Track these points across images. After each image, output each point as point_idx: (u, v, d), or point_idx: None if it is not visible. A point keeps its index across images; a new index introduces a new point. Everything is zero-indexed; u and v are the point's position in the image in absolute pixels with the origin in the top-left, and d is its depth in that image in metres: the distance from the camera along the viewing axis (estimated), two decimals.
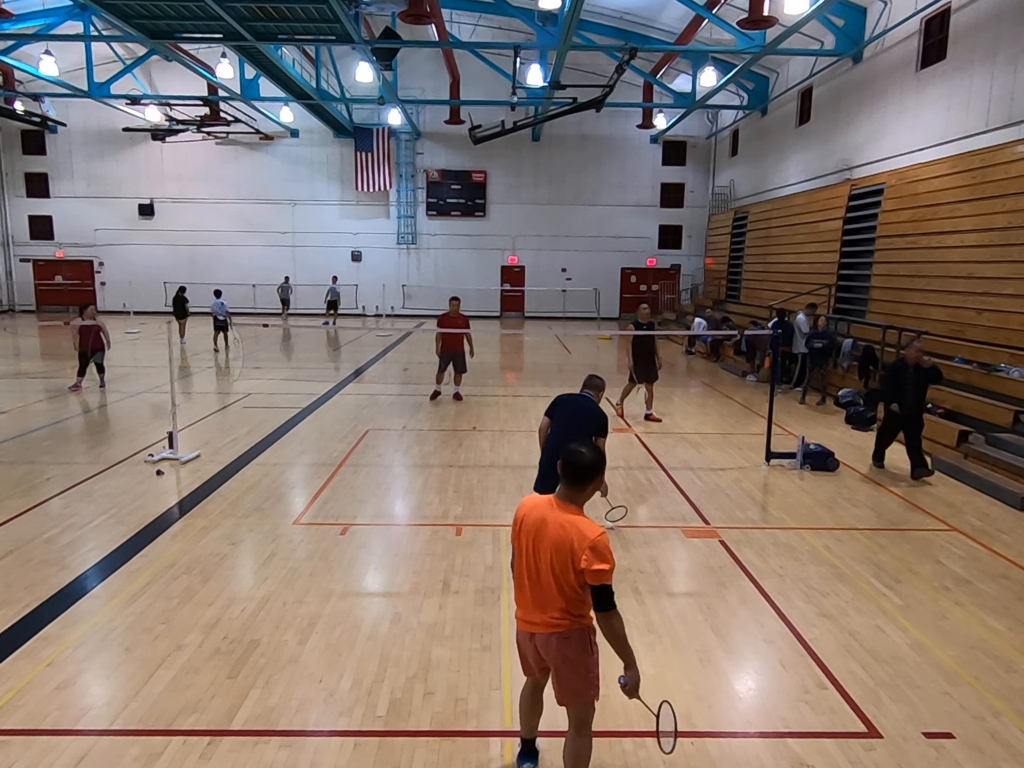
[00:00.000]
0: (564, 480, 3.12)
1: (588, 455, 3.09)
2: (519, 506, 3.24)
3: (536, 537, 3.09)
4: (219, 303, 18.81)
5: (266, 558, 6.00)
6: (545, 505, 3.14)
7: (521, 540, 3.17)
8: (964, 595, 5.54)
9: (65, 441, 9.70)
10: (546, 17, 18.92)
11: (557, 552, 3.01)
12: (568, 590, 3.04)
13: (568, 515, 3.06)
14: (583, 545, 2.96)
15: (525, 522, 3.16)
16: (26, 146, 29.28)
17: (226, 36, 16.84)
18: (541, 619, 3.13)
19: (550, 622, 3.11)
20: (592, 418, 5.76)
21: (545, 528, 3.06)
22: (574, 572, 2.98)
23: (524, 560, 3.16)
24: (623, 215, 29.85)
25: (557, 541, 3.02)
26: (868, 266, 15.60)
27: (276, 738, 3.76)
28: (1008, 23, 11.86)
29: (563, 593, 3.05)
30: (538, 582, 3.11)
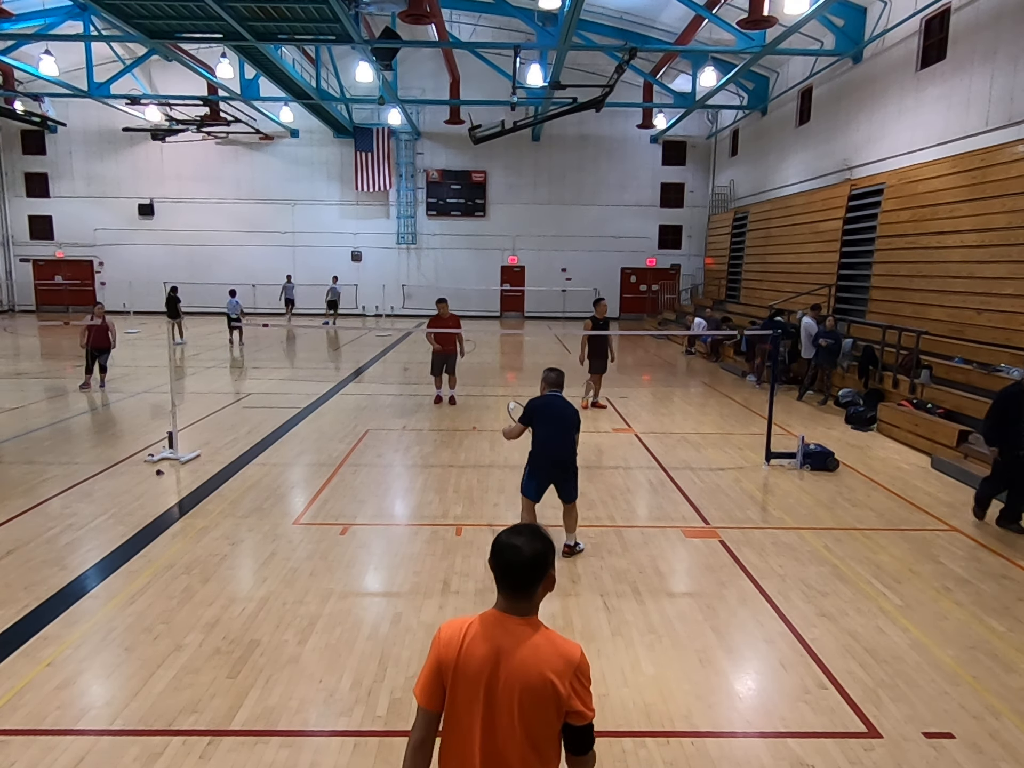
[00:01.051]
0: (507, 589, 2.15)
1: (528, 548, 2.13)
2: (444, 636, 2.17)
3: (491, 678, 2.09)
4: (233, 302, 20.08)
5: (266, 558, 6.00)
6: (491, 628, 2.14)
7: (460, 688, 2.11)
8: (964, 595, 5.54)
9: (65, 441, 9.70)
10: (546, 17, 18.91)
11: (530, 693, 2.07)
12: (542, 742, 2.12)
13: (533, 635, 2.12)
14: (568, 673, 2.08)
15: (466, 660, 2.10)
16: (26, 146, 29.28)
17: (226, 36, 16.84)
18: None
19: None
20: (572, 417, 5.94)
21: (504, 668, 2.08)
22: (556, 715, 2.09)
23: (469, 714, 2.11)
24: (623, 215, 29.85)
25: (528, 677, 2.07)
26: (868, 266, 15.60)
27: (276, 738, 3.76)
28: (1008, 23, 11.86)
29: (534, 749, 2.12)
30: (494, 750, 2.10)
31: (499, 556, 2.15)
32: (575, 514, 6.18)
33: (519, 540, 2.15)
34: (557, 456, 5.93)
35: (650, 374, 17.15)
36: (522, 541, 2.14)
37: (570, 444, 5.97)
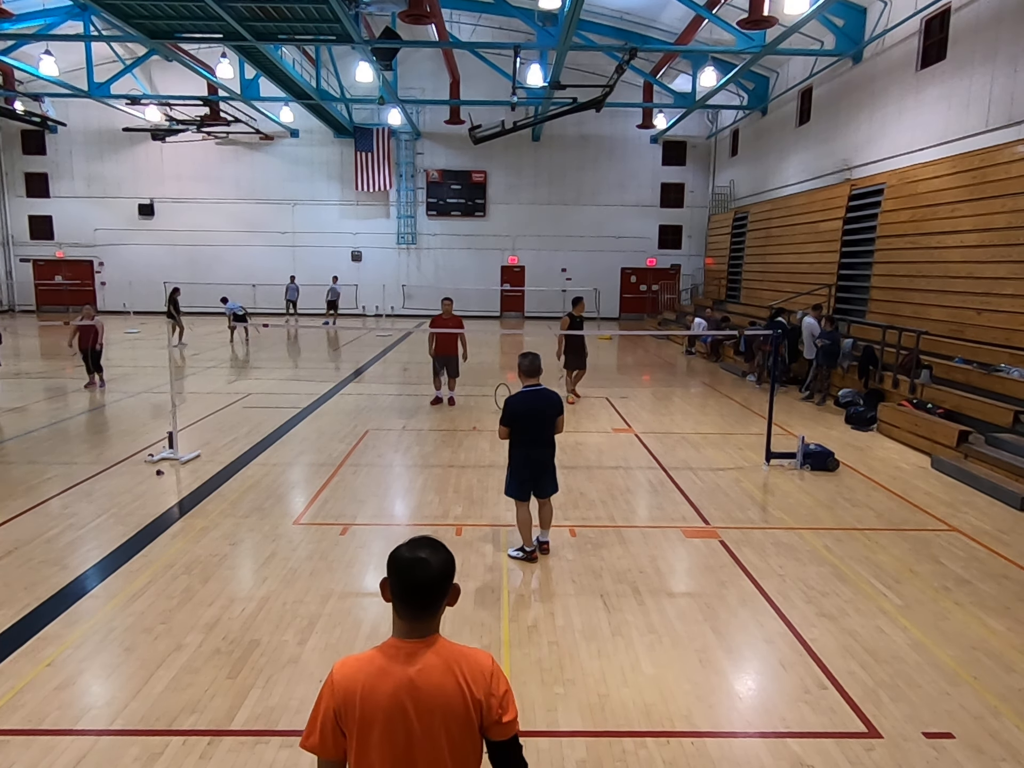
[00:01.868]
0: (414, 609, 1.99)
1: (435, 560, 1.98)
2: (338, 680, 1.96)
3: (406, 713, 1.92)
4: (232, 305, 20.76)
5: (266, 558, 6.00)
6: (394, 660, 1.96)
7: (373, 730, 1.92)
8: (964, 595, 5.54)
9: (65, 441, 9.70)
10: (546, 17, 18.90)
11: (453, 717, 1.94)
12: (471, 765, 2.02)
13: (441, 655, 1.98)
14: (484, 684, 1.97)
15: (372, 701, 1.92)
16: (26, 146, 29.27)
17: (226, 36, 16.83)
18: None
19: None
20: (551, 409, 5.88)
21: (419, 695, 1.92)
22: (479, 731, 1.99)
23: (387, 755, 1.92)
24: (623, 215, 29.84)
25: (448, 700, 1.93)
26: (868, 266, 15.60)
27: (276, 738, 3.76)
28: (1008, 23, 11.85)
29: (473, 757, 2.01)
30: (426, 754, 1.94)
31: (407, 573, 1.95)
32: (551, 508, 6.20)
33: (425, 553, 1.97)
34: (537, 455, 5.94)
35: (650, 374, 17.15)
36: (428, 553, 1.97)
37: (550, 440, 5.97)
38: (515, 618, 5.05)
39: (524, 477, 5.95)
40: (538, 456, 5.94)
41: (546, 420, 5.87)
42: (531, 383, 5.92)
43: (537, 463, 5.95)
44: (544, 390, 5.94)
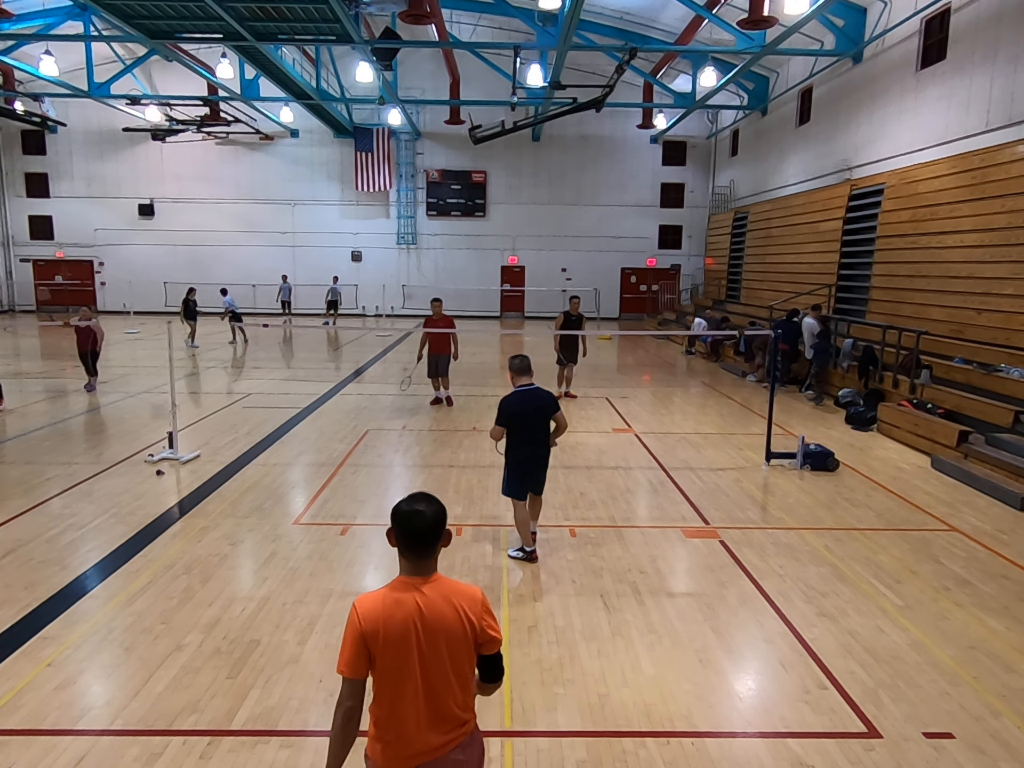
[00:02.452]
0: (415, 551, 2.41)
1: (430, 511, 2.41)
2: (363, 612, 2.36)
3: (418, 635, 2.35)
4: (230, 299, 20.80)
5: (266, 558, 6.00)
6: (404, 594, 2.40)
7: (391, 651, 2.34)
8: (964, 595, 5.54)
9: (65, 441, 9.70)
10: (546, 17, 18.90)
11: (453, 636, 2.38)
12: (466, 676, 2.45)
13: (441, 589, 2.42)
14: (476, 610, 2.42)
15: (390, 627, 2.34)
16: (26, 146, 29.27)
17: (226, 36, 16.84)
18: (442, 738, 2.42)
19: (450, 736, 2.43)
20: (546, 409, 5.91)
21: (426, 619, 2.35)
22: (474, 649, 2.44)
23: (405, 676, 2.36)
24: (623, 215, 29.84)
25: (448, 623, 2.37)
26: (868, 266, 15.60)
27: (276, 738, 3.76)
28: (1008, 23, 11.85)
29: (462, 687, 2.44)
30: (433, 692, 2.39)
31: (408, 523, 2.38)
32: (541, 501, 6.33)
33: (421, 506, 2.41)
34: (535, 454, 6.00)
35: (650, 374, 17.15)
36: (424, 506, 2.41)
37: (545, 439, 6.01)
38: (515, 618, 5.05)
39: (523, 476, 5.99)
40: (535, 454, 5.99)
41: (541, 418, 5.92)
42: (524, 383, 5.96)
43: (534, 461, 6.00)
44: (537, 389, 5.98)
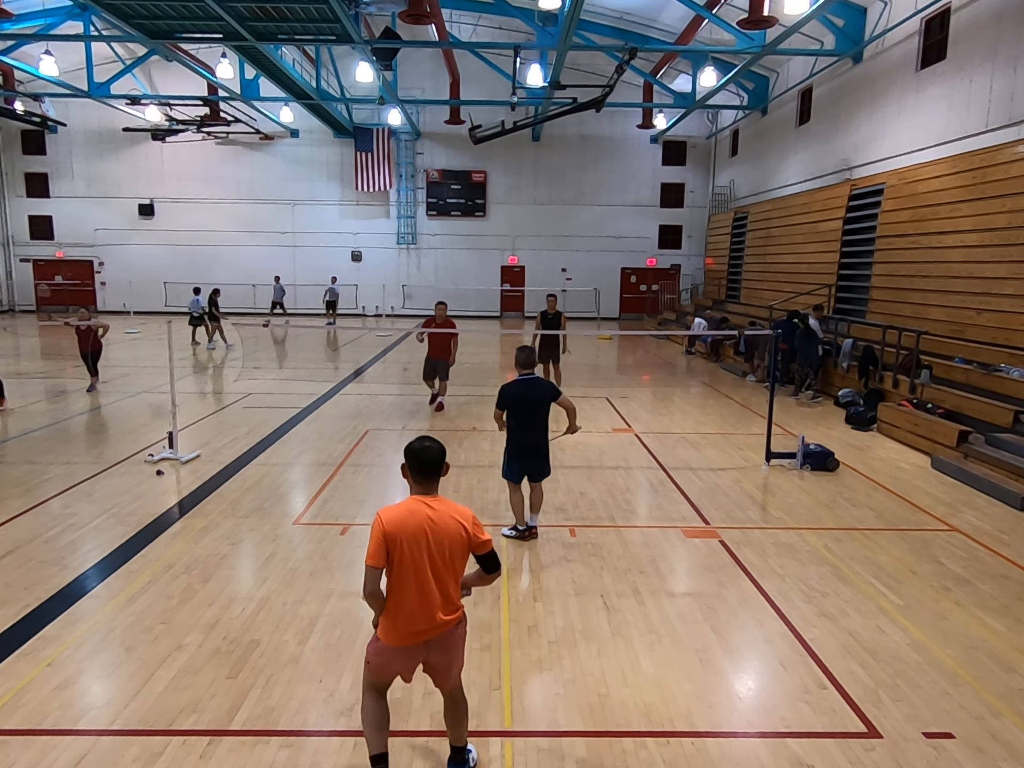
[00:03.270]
0: (425, 476, 3.30)
1: (436, 446, 3.32)
2: (386, 519, 3.21)
3: (428, 536, 3.18)
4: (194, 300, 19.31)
5: (266, 558, 6.00)
6: (418, 506, 3.25)
7: (407, 548, 3.16)
8: (964, 595, 5.53)
9: (65, 441, 9.70)
10: (546, 17, 18.91)
11: (454, 540, 3.23)
12: (458, 576, 3.33)
13: (444, 505, 3.29)
14: (469, 522, 3.29)
15: (408, 529, 3.17)
16: (26, 146, 29.26)
17: (226, 36, 16.83)
18: (445, 617, 3.27)
19: (451, 616, 3.30)
20: (545, 397, 6.24)
21: (435, 525, 3.20)
22: (468, 550, 3.30)
23: (418, 568, 3.18)
24: (623, 215, 29.84)
25: (450, 530, 3.22)
26: (868, 266, 15.60)
27: (276, 738, 3.76)
28: (1008, 23, 11.85)
29: (456, 580, 3.32)
30: (441, 581, 3.24)
31: (420, 455, 3.28)
32: (542, 493, 6.49)
33: (428, 443, 3.32)
34: (531, 440, 6.24)
35: (650, 374, 17.15)
36: (430, 443, 3.33)
37: (543, 426, 6.28)
38: (515, 618, 5.05)
39: (518, 460, 6.27)
40: (529, 440, 6.25)
41: (537, 405, 6.22)
42: (525, 373, 6.33)
43: (529, 447, 6.25)
44: (536, 378, 6.37)
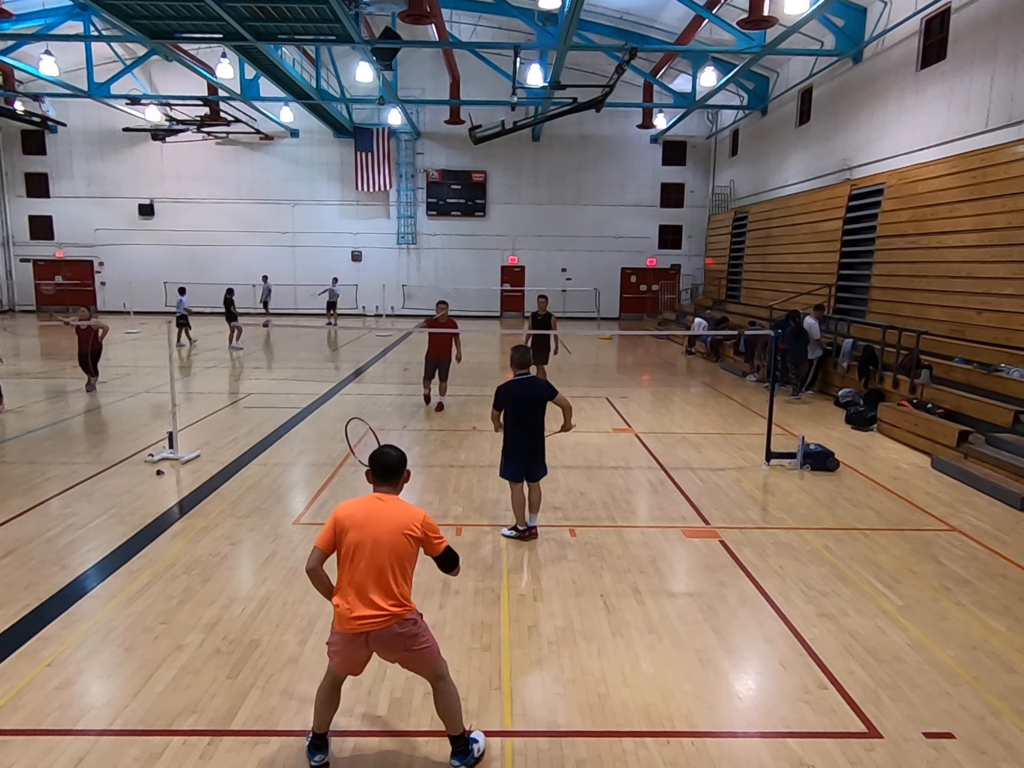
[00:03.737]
0: (382, 479, 3.54)
1: (395, 453, 3.56)
2: (341, 509, 3.47)
3: (373, 526, 3.37)
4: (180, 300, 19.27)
5: (266, 558, 6.00)
6: (372, 501, 3.48)
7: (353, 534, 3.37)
8: (964, 595, 5.53)
9: (65, 441, 9.70)
10: (546, 17, 18.91)
11: (397, 533, 3.36)
12: (404, 574, 3.40)
13: (396, 503, 3.48)
14: (417, 522, 3.41)
15: (356, 518, 3.40)
16: (26, 146, 29.27)
17: (226, 36, 16.84)
18: (381, 609, 3.33)
19: (389, 611, 3.34)
20: (541, 397, 6.27)
21: (381, 517, 3.39)
22: (412, 546, 3.40)
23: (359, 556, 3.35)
24: (623, 215, 29.84)
25: (395, 523, 3.38)
26: (868, 266, 15.60)
27: (276, 738, 3.76)
28: (1008, 23, 11.86)
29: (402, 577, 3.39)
30: (378, 570, 3.34)
31: (378, 459, 3.55)
32: (540, 492, 6.53)
33: (388, 449, 3.58)
34: (529, 440, 6.29)
35: (650, 374, 17.15)
36: (390, 450, 3.58)
37: (540, 426, 6.33)
38: (515, 618, 5.05)
39: (516, 459, 6.30)
40: (527, 439, 6.28)
41: (534, 405, 6.26)
42: (521, 373, 6.34)
43: (526, 447, 6.29)
44: (532, 378, 6.38)
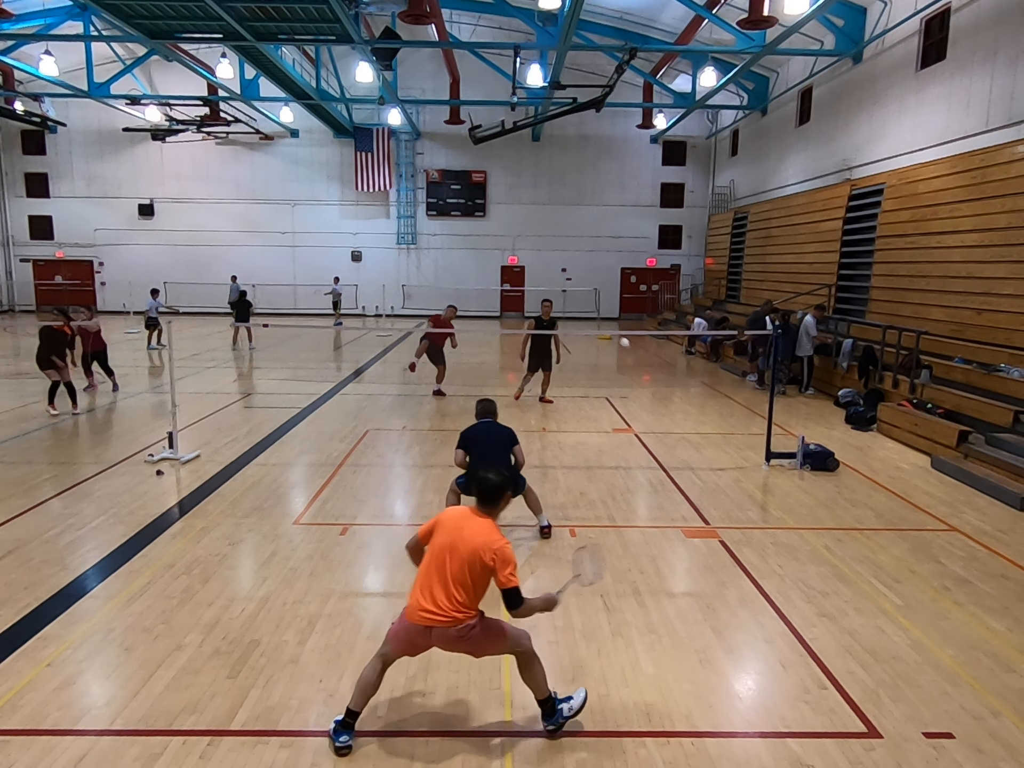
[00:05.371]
0: (477, 500, 3.76)
1: (495, 477, 3.73)
2: (445, 514, 3.84)
3: (455, 536, 3.60)
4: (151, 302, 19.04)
5: (266, 558, 6.00)
6: (468, 514, 3.73)
7: (438, 540, 3.66)
8: (964, 595, 5.53)
9: (65, 441, 9.70)
10: (546, 17, 18.90)
11: (471, 552, 3.53)
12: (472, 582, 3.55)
13: (483, 524, 3.64)
14: (488, 550, 3.51)
15: (449, 525, 3.69)
16: (26, 146, 29.26)
17: (226, 36, 16.84)
18: (442, 614, 3.53)
19: (450, 616, 3.53)
20: (504, 441, 6.28)
21: (462, 532, 3.60)
22: (482, 571, 3.54)
23: (436, 559, 3.61)
24: (623, 215, 29.84)
25: (473, 542, 3.54)
26: (868, 266, 15.60)
27: (276, 738, 3.76)
28: (1008, 23, 11.86)
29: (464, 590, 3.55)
30: (445, 581, 3.55)
31: (478, 482, 3.76)
32: (534, 494, 6.54)
33: (490, 475, 3.76)
34: None
35: (650, 374, 17.15)
36: (491, 475, 3.75)
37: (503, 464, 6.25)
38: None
39: None
40: None
41: (497, 449, 6.18)
42: (484, 419, 6.45)
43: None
44: (495, 424, 6.42)
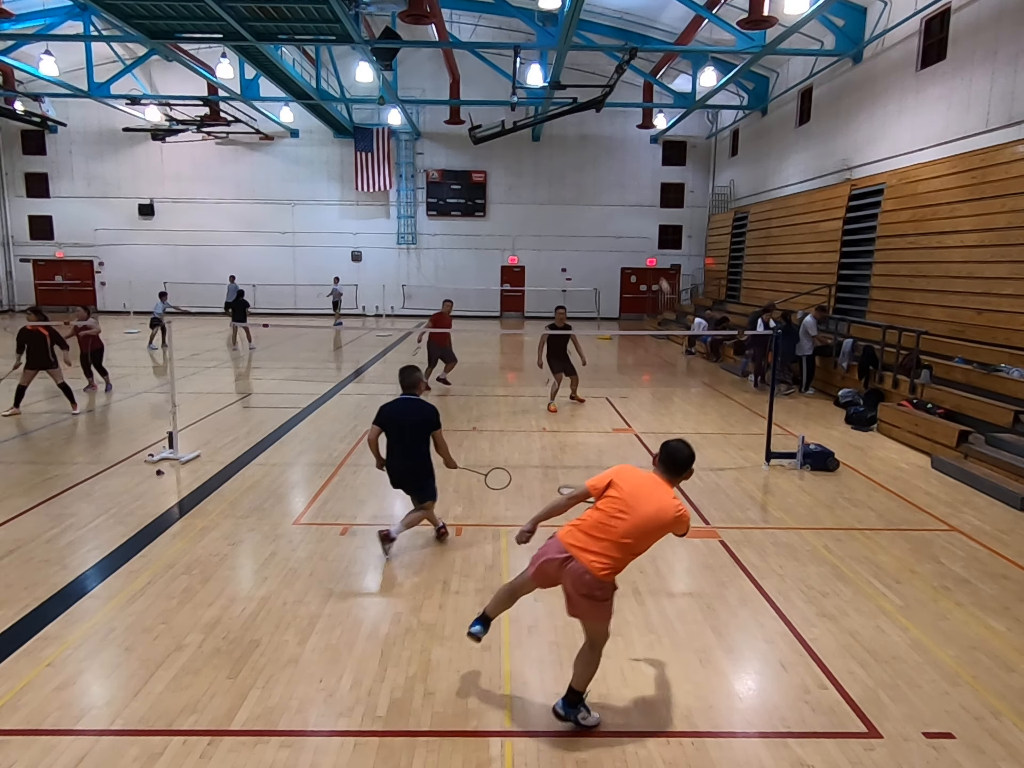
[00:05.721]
0: (664, 467, 3.85)
1: (687, 450, 3.84)
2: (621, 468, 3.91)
3: (638, 498, 3.69)
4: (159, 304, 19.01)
5: (266, 558, 6.00)
6: (651, 478, 3.83)
7: (622, 490, 3.73)
8: (964, 595, 5.54)
9: (65, 441, 9.70)
10: (546, 17, 18.92)
11: (656, 514, 3.67)
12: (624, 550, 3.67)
13: (667, 490, 3.78)
14: (671, 511, 3.69)
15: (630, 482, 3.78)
16: (26, 146, 29.28)
17: (226, 36, 16.84)
18: (591, 554, 3.64)
19: (594, 560, 3.64)
20: (422, 416, 5.94)
21: (650, 496, 3.71)
22: (661, 532, 3.75)
23: (614, 511, 3.69)
24: (623, 215, 29.85)
25: (657, 506, 3.68)
26: (868, 266, 15.60)
27: (276, 738, 3.76)
28: (1008, 23, 11.86)
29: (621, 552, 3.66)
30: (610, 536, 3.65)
31: (669, 451, 3.83)
32: (424, 514, 6.20)
33: (682, 446, 3.85)
34: (401, 465, 6.02)
35: (650, 374, 17.15)
36: (683, 447, 3.85)
37: (417, 453, 5.99)
38: (515, 618, 5.04)
39: (395, 484, 6.14)
40: (402, 462, 6.02)
41: (412, 429, 5.92)
42: (408, 394, 6.08)
43: (402, 469, 6.05)
44: (417, 400, 6.05)
